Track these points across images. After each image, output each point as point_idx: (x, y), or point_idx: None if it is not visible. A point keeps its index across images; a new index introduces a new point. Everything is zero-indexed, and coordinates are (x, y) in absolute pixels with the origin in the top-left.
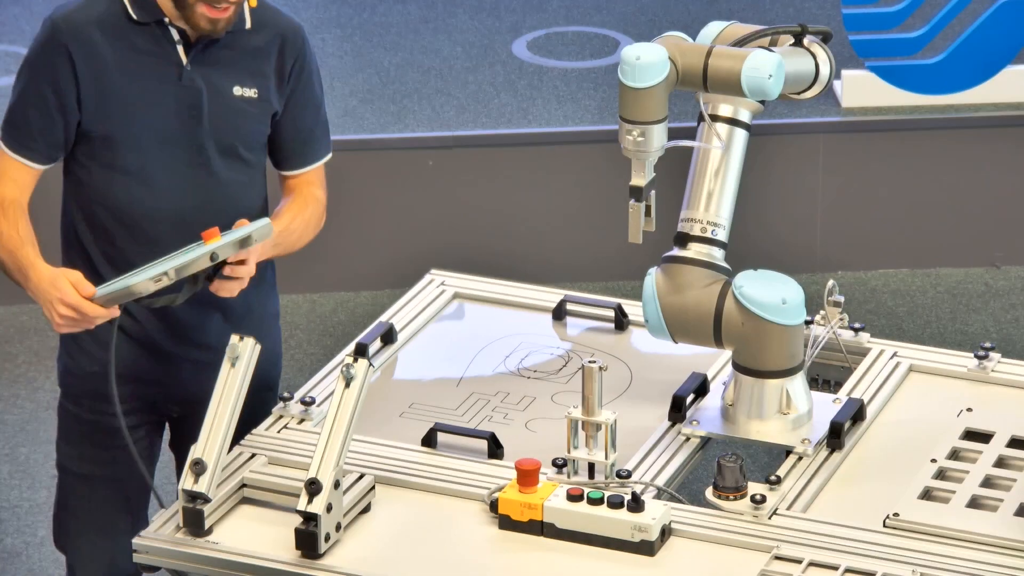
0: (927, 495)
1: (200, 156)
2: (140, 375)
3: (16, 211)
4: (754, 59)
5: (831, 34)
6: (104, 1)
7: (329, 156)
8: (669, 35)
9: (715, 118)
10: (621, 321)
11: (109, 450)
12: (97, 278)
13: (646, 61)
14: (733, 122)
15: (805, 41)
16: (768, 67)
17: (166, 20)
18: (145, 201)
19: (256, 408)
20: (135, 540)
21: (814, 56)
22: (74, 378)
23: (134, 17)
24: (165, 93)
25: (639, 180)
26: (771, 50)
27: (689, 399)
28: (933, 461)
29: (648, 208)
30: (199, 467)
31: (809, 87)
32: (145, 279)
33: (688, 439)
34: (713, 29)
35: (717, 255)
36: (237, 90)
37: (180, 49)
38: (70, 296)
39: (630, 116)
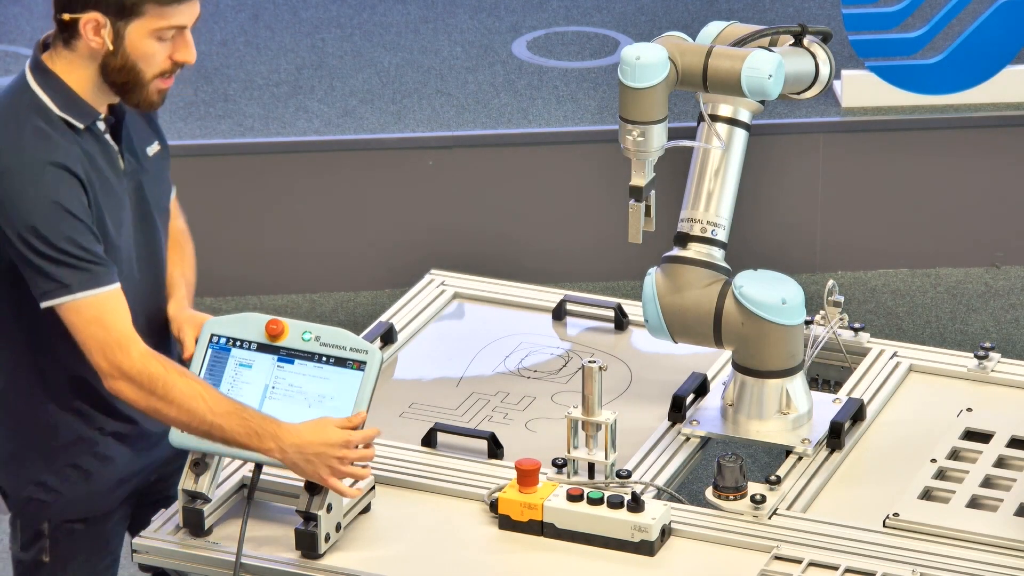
0: (927, 495)
1: (152, 228)
2: (132, 473)
3: (170, 360)
4: (754, 59)
5: (831, 34)
6: (42, 124)
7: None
8: (669, 35)
9: (715, 118)
10: (621, 321)
11: (112, 554)
12: (78, 416)
13: (646, 61)
14: (733, 122)
15: (805, 41)
16: (768, 67)
17: (101, 115)
18: (129, 293)
19: None
20: (135, 540)
21: (814, 56)
22: (77, 501)
23: (77, 125)
24: (120, 185)
25: (639, 180)
26: (771, 50)
27: (689, 399)
28: (933, 461)
29: (648, 208)
30: (199, 467)
31: (809, 87)
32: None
33: (688, 439)
34: (713, 29)
35: (717, 255)
36: (149, 151)
37: (109, 137)
38: (356, 434)
39: (630, 116)
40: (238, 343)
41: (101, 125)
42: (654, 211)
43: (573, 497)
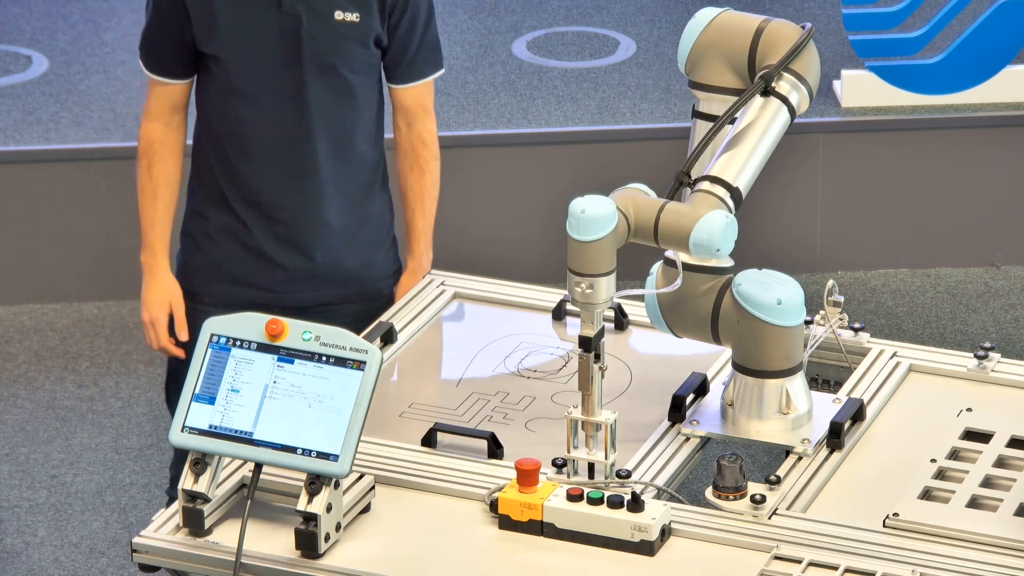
0: (927, 495)
1: (300, 79)
2: (242, 277)
3: (164, 154)
4: (701, 230)
5: (809, 35)
6: None
7: (440, 72)
8: (630, 187)
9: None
10: (621, 321)
11: None
12: (222, 201)
13: (591, 215)
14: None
15: (774, 85)
16: (715, 241)
17: None
18: (254, 122)
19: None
20: (135, 540)
21: (784, 99)
22: (190, 270)
23: None
24: (267, 19)
25: (588, 331)
26: (727, 200)
27: (689, 399)
28: (933, 461)
29: (598, 356)
30: (199, 467)
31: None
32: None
33: (688, 439)
34: (704, 17)
35: None
36: (338, 15)
37: None
38: (161, 331)
39: (577, 268)
40: (238, 343)
41: None
42: (604, 358)
43: (573, 497)
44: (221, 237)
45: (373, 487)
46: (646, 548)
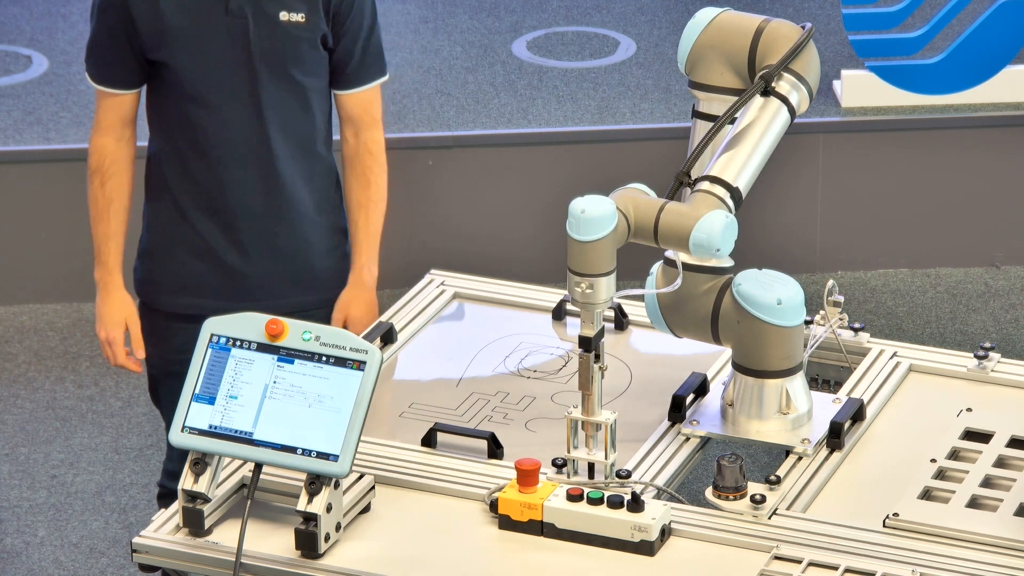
0: (927, 495)
1: (253, 82)
2: (208, 290)
3: (116, 169)
4: (701, 229)
5: (809, 34)
6: None
7: (384, 79)
8: (630, 187)
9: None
10: (621, 321)
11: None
12: (181, 215)
13: (591, 215)
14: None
15: (774, 84)
16: (715, 241)
17: None
18: (208, 127)
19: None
20: (135, 540)
21: (784, 98)
22: (152, 286)
23: None
24: (215, 22)
25: (588, 331)
26: (727, 201)
27: (689, 399)
28: (933, 461)
29: (598, 356)
30: (199, 467)
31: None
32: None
33: (688, 439)
34: (705, 16)
35: None
36: (284, 15)
37: None
38: (118, 349)
39: (577, 268)
40: (238, 343)
41: None
42: (604, 358)
43: (573, 497)
44: (183, 252)
45: (373, 487)
46: (646, 548)
